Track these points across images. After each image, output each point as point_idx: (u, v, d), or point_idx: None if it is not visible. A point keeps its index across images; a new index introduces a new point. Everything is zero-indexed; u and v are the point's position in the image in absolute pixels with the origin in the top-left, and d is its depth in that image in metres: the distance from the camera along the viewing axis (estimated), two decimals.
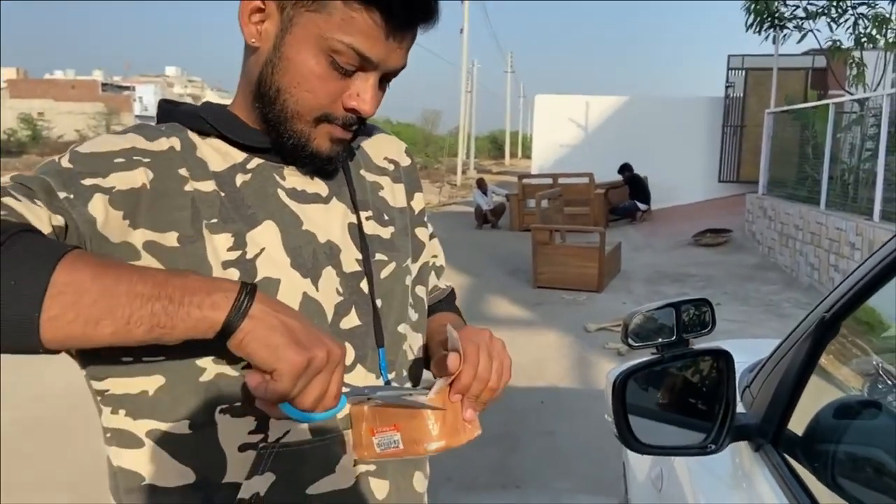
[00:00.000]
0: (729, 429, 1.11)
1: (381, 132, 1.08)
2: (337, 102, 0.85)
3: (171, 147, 0.85)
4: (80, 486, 3.24)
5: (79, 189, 0.77)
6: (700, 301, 1.18)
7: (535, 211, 10.32)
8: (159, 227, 0.81)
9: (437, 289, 1.14)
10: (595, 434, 3.74)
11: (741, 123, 14.89)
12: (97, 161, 0.80)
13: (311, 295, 0.87)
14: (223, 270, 0.82)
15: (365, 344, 0.91)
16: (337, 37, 0.80)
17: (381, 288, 0.94)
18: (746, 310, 6.86)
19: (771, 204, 9.70)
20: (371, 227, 0.96)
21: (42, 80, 60.19)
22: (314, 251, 0.89)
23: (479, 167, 37.34)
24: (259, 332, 0.70)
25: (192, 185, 0.84)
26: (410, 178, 1.07)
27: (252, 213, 0.86)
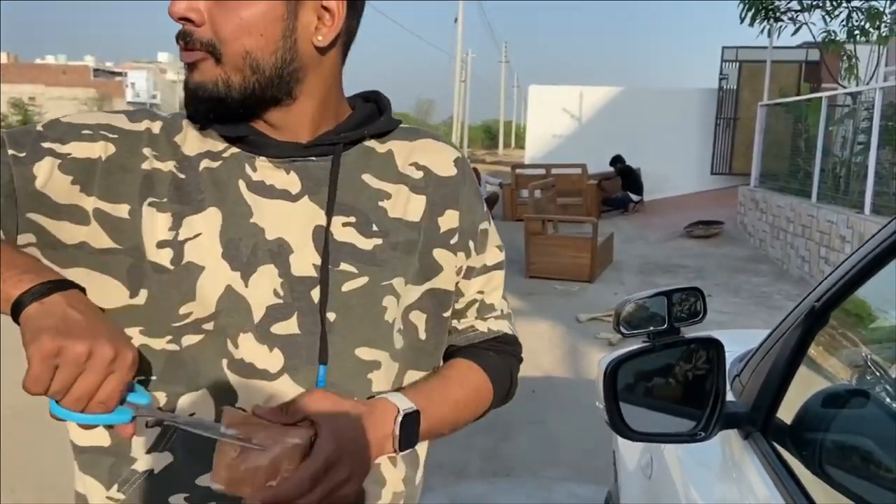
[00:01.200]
0: (719, 417, 1.12)
1: (428, 137, 0.98)
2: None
3: (147, 129, 0.87)
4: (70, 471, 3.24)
5: (35, 149, 0.82)
6: (692, 290, 1.19)
7: (528, 201, 10.32)
8: (111, 197, 0.83)
9: (473, 329, 1.00)
10: (586, 423, 3.76)
11: (734, 116, 14.91)
12: (66, 129, 0.84)
13: (236, 289, 0.83)
14: (157, 249, 0.83)
15: (299, 355, 0.84)
16: None
17: (337, 301, 0.85)
18: (737, 301, 6.90)
19: (763, 196, 9.74)
20: (346, 235, 0.88)
21: (33, 64, 59.69)
22: (255, 246, 0.84)
23: (473, 157, 37.32)
24: (36, 314, 0.70)
25: (152, 163, 0.85)
26: (444, 191, 0.94)
27: (201, 198, 0.85)
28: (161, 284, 0.82)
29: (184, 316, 0.83)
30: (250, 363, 0.83)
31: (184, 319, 0.83)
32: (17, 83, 50.77)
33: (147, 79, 64.46)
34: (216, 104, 0.84)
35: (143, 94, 62.04)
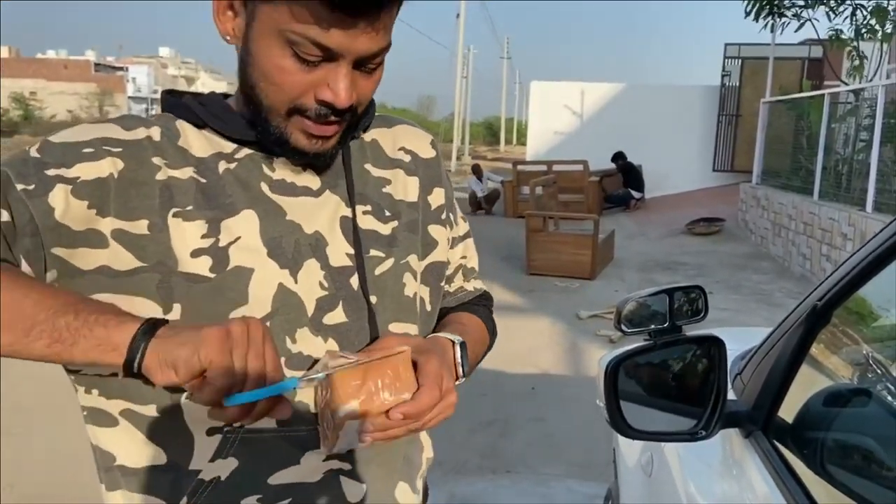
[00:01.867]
0: (720, 415, 1.12)
1: (402, 123, 1.04)
2: (309, 94, 0.81)
3: (147, 136, 0.84)
4: (65, 466, 3.25)
5: (41, 179, 0.77)
6: (693, 288, 1.19)
7: (529, 198, 10.32)
8: (128, 215, 0.80)
9: (462, 290, 1.10)
10: (586, 420, 3.76)
11: (736, 113, 14.89)
12: (65, 151, 0.80)
13: (287, 286, 0.84)
14: (192, 259, 0.81)
15: (350, 341, 0.88)
16: (291, 28, 0.76)
17: (373, 285, 0.91)
18: (738, 298, 6.90)
19: (764, 193, 9.73)
20: (368, 222, 0.93)
21: (34, 59, 59.64)
22: (296, 242, 0.86)
23: (474, 153, 37.31)
24: (169, 342, 0.69)
25: (167, 172, 0.83)
26: (430, 172, 1.02)
27: (231, 201, 0.84)
28: (201, 294, 0.81)
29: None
30: (308, 356, 0.85)
31: None
32: (18, 78, 50.74)
33: (148, 74, 64.44)
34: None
35: (144, 88, 61.99)
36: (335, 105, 0.81)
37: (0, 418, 3.75)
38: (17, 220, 0.75)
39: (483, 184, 13.66)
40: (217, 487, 0.84)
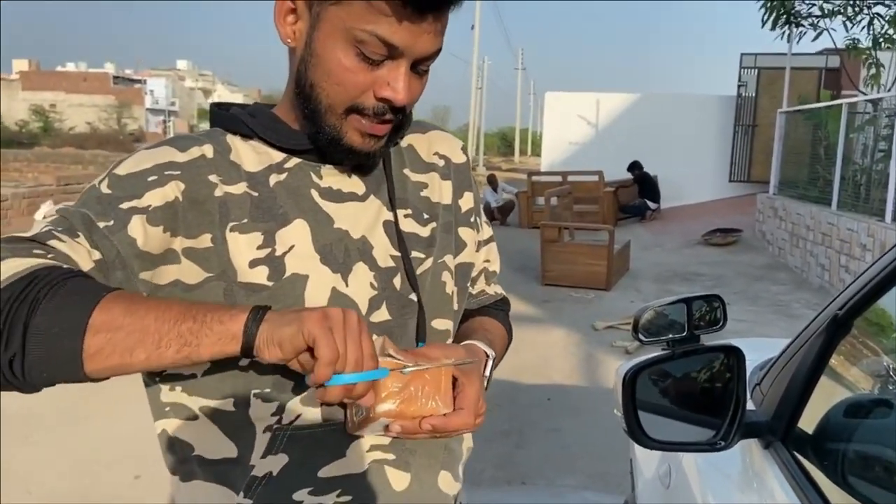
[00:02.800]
0: (739, 426, 1.11)
1: (435, 129, 1.09)
2: (368, 93, 0.85)
3: (201, 155, 0.88)
4: (83, 472, 3.27)
5: (118, 214, 0.82)
6: (712, 297, 1.18)
7: (544, 208, 10.30)
8: (194, 232, 0.85)
9: (484, 293, 1.15)
10: (602, 431, 3.74)
11: (753, 123, 14.80)
12: (133, 182, 0.84)
13: (340, 290, 0.89)
14: (250, 269, 0.86)
15: (395, 338, 0.92)
16: (359, 26, 0.81)
17: (421, 283, 0.96)
18: (756, 310, 6.84)
19: (782, 204, 9.65)
20: (408, 225, 0.97)
21: (54, 72, 60.40)
22: (346, 247, 0.91)
23: (489, 164, 37.31)
24: (275, 323, 0.74)
25: (223, 188, 0.87)
26: (461, 176, 1.07)
27: (283, 211, 0.89)
28: (260, 302, 0.83)
29: None
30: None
31: None
32: (38, 90, 51.47)
33: (166, 86, 65.10)
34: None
35: (161, 101, 62.63)
36: (394, 102, 0.85)
37: (18, 425, 3.79)
38: (106, 256, 0.80)
39: (498, 194, 13.66)
40: (270, 482, 0.89)
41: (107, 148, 27.41)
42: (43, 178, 12.00)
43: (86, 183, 6.53)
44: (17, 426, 3.82)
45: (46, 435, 3.73)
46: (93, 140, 32.41)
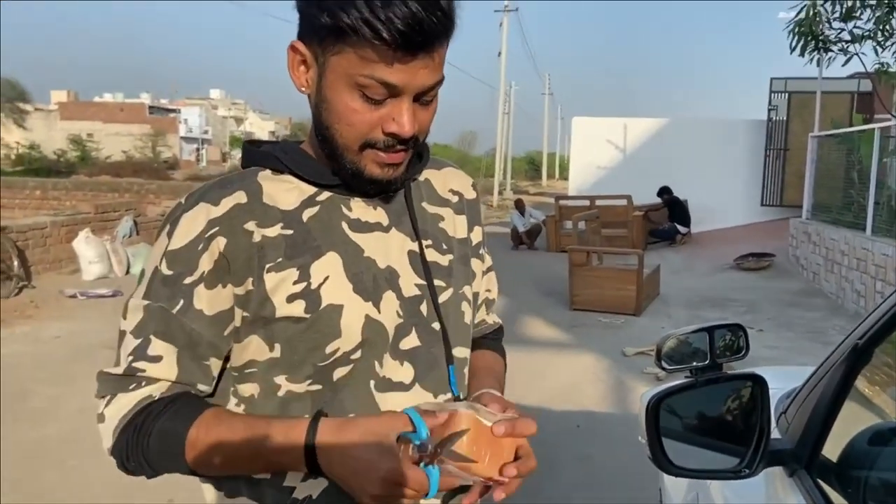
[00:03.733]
0: (763, 453, 1.12)
1: (449, 166, 1.16)
2: (377, 129, 0.92)
3: (235, 204, 0.94)
4: (118, 495, 3.32)
5: (182, 291, 0.93)
6: (734, 326, 1.20)
7: (571, 232, 10.29)
8: (238, 280, 0.93)
9: (484, 323, 1.21)
10: (632, 459, 3.70)
11: (784, 147, 14.66)
12: (186, 256, 0.93)
13: (373, 317, 0.96)
14: (288, 304, 0.92)
15: (423, 364, 0.99)
16: (358, 72, 0.88)
17: (443, 311, 1.01)
18: (790, 336, 6.73)
19: (815, 229, 9.53)
20: (430, 255, 1.03)
21: (92, 102, 61.83)
22: (374, 276, 0.97)
23: (516, 188, 37.34)
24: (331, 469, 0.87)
25: (260, 233, 0.94)
26: (473, 211, 1.15)
27: (317, 244, 0.95)
28: (298, 333, 0.93)
29: (331, 354, 0.94)
30: (389, 378, 0.96)
31: (332, 357, 0.94)
32: (76, 120, 52.78)
33: (199, 115, 66.38)
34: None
35: (195, 129, 63.82)
36: (400, 135, 0.92)
37: (56, 450, 3.87)
38: (193, 338, 0.93)
39: (525, 218, 13.68)
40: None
41: (142, 176, 28.00)
42: (81, 206, 12.29)
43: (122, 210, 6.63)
44: (55, 451, 3.90)
45: (83, 459, 3.80)
46: (128, 168, 33.10)
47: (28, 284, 8.34)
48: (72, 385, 4.95)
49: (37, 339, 6.27)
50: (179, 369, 0.93)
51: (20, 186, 15.99)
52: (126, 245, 9.73)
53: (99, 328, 6.49)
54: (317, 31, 0.90)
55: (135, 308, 0.94)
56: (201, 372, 0.95)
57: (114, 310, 7.41)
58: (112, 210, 10.81)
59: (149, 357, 0.92)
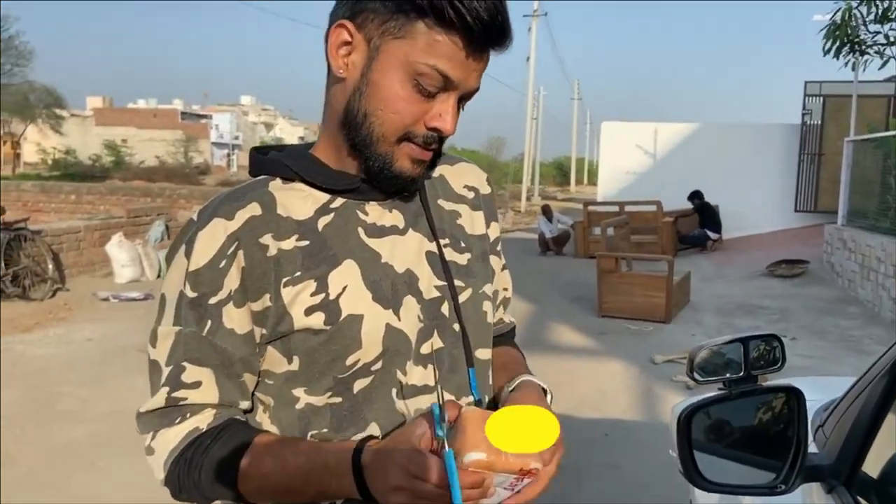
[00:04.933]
0: (800, 469, 1.08)
1: (462, 161, 1.13)
2: (419, 122, 0.90)
3: (251, 216, 0.91)
4: (145, 497, 3.35)
5: (210, 312, 0.90)
6: (769, 337, 1.16)
7: (600, 238, 10.20)
8: (257, 296, 0.90)
9: (501, 322, 1.18)
10: (661, 469, 3.64)
11: (819, 151, 14.40)
12: (209, 276, 0.90)
13: (394, 325, 0.93)
14: (306, 317, 0.89)
15: (445, 366, 0.96)
16: (421, 59, 0.86)
17: (464, 312, 0.99)
18: (824, 345, 6.59)
19: (851, 235, 9.33)
20: (448, 254, 1.00)
21: (126, 108, 62.89)
22: (393, 282, 0.94)
23: (544, 193, 37.21)
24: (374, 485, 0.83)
25: (276, 246, 0.91)
26: (489, 207, 1.11)
27: (333, 253, 0.92)
28: (318, 345, 0.90)
29: (352, 365, 0.91)
30: (413, 384, 0.94)
31: (352, 368, 0.91)
32: (111, 126, 53.74)
33: (230, 121, 67.16)
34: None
35: (226, 135, 64.54)
36: (443, 132, 0.91)
37: (86, 451, 3.92)
38: (226, 357, 0.90)
39: (553, 224, 13.60)
40: None
41: (174, 180, 28.40)
42: (114, 210, 12.50)
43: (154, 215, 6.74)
44: (86, 452, 3.95)
45: (113, 460, 3.85)
46: (161, 173, 33.64)
47: (62, 287, 8.50)
48: (102, 387, 5.02)
49: (70, 341, 6.37)
50: (220, 391, 0.91)
51: (56, 191, 16.32)
52: (157, 249, 9.87)
53: (130, 330, 6.58)
54: (379, 12, 0.87)
55: (165, 335, 0.92)
56: (239, 390, 0.93)
57: (146, 313, 7.52)
58: (144, 214, 10.98)
59: (187, 384, 0.90)
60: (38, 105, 38.94)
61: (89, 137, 49.42)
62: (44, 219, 12.87)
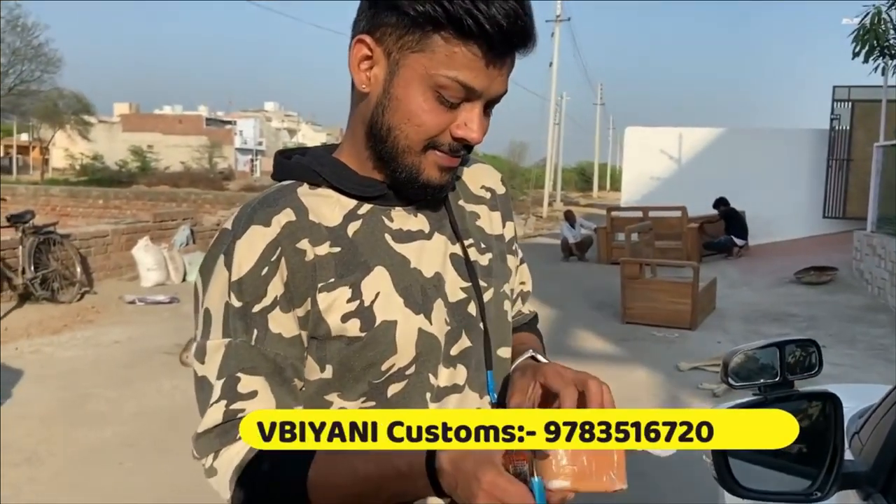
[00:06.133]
0: (836, 476, 1.06)
1: (477, 162, 1.13)
2: (445, 132, 0.90)
3: (287, 222, 0.90)
4: (170, 497, 3.38)
5: (256, 321, 0.89)
6: (806, 342, 1.14)
7: (624, 244, 10.13)
8: (301, 301, 0.90)
9: (521, 313, 1.19)
10: (688, 478, 3.60)
11: (848, 157, 14.21)
12: (253, 284, 0.89)
13: (426, 329, 0.93)
14: (342, 324, 0.89)
15: (472, 366, 0.96)
16: (441, 72, 0.85)
17: (486, 312, 0.99)
18: (853, 353, 6.48)
19: (881, 242, 9.17)
20: (472, 255, 1.00)
21: (152, 114, 63.69)
22: (423, 287, 0.94)
23: (567, 199, 37.06)
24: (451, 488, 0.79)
25: (312, 251, 0.90)
26: (505, 207, 1.12)
27: (364, 260, 0.92)
28: (354, 352, 0.90)
29: (387, 370, 0.91)
30: (445, 386, 0.94)
31: (387, 373, 0.91)
32: (137, 132, 54.49)
33: (254, 126, 67.80)
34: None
35: (250, 140, 65.16)
36: (470, 142, 0.91)
37: (115, 452, 3.96)
38: (277, 363, 0.89)
39: (576, 230, 13.54)
40: None
41: (199, 186, 28.77)
42: (140, 214, 12.68)
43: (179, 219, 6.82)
44: (114, 453, 4.00)
45: (140, 462, 3.89)
46: (186, 178, 34.04)
47: (90, 290, 8.63)
48: (129, 388, 5.08)
49: (97, 344, 6.46)
50: (276, 399, 0.90)
51: (84, 195, 16.61)
52: (183, 253, 9.98)
53: (156, 333, 6.66)
54: (397, 26, 0.86)
55: (214, 349, 0.89)
56: (292, 396, 0.91)
57: (171, 315, 7.61)
58: (170, 219, 11.11)
59: (243, 395, 0.89)
60: (66, 111, 39.68)
61: (116, 143, 50.16)
62: (72, 223, 13.08)
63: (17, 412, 4.59)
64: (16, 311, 7.51)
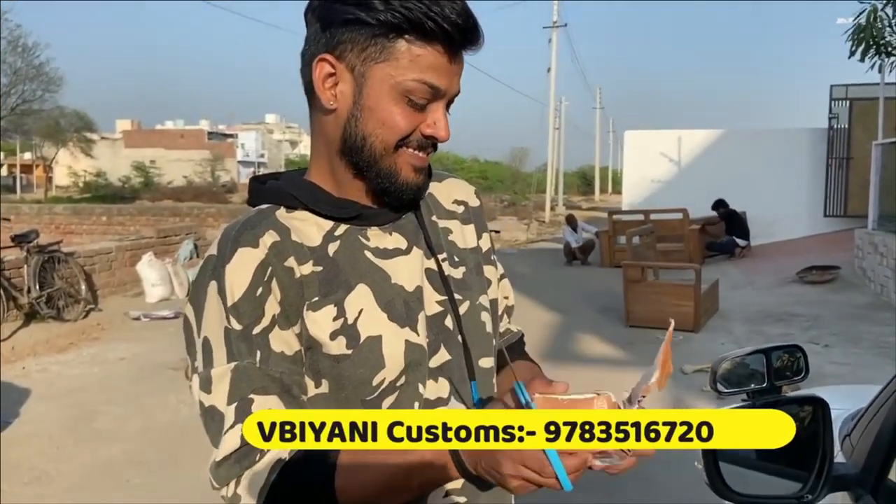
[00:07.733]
0: (826, 478, 1.08)
1: (450, 177, 1.16)
2: (415, 131, 0.94)
3: (273, 242, 0.93)
4: None
5: (257, 342, 0.91)
6: (792, 347, 1.16)
7: (625, 247, 10.14)
8: (293, 318, 0.92)
9: (509, 331, 1.21)
10: (693, 482, 3.60)
11: (847, 155, 14.20)
12: (249, 305, 0.91)
13: (412, 341, 0.96)
14: (331, 341, 0.92)
15: (455, 377, 0.99)
16: (408, 76, 0.90)
17: (463, 325, 1.01)
18: (857, 352, 6.47)
19: (882, 240, 9.17)
20: (446, 269, 1.03)
21: (154, 130, 63.84)
22: (405, 301, 0.97)
23: (568, 203, 37.00)
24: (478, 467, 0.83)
25: (299, 270, 0.93)
26: (479, 220, 1.15)
27: (345, 278, 0.95)
28: (345, 369, 0.93)
29: (378, 385, 0.94)
30: (429, 397, 0.97)
31: (379, 388, 0.94)
32: (139, 147, 54.66)
33: (256, 139, 67.98)
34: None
35: (251, 153, 65.34)
36: (439, 139, 0.95)
37: (121, 469, 3.99)
38: (284, 381, 0.91)
39: (578, 234, 13.55)
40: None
41: (202, 199, 28.83)
42: (144, 230, 12.73)
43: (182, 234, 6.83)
44: (121, 470, 4.02)
45: (147, 478, 3.91)
46: (189, 192, 34.14)
47: (95, 307, 8.66)
48: (136, 405, 5.10)
49: (103, 361, 6.48)
50: None
51: (87, 213, 16.67)
52: (187, 267, 10.01)
53: (162, 349, 6.68)
54: (356, 41, 0.90)
55: (220, 375, 0.90)
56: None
57: (177, 330, 7.59)
58: (173, 234, 11.15)
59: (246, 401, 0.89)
60: (68, 129, 39.80)
61: (119, 159, 50.31)
62: (76, 240, 13.13)
63: (25, 431, 4.62)
64: (22, 330, 7.54)
